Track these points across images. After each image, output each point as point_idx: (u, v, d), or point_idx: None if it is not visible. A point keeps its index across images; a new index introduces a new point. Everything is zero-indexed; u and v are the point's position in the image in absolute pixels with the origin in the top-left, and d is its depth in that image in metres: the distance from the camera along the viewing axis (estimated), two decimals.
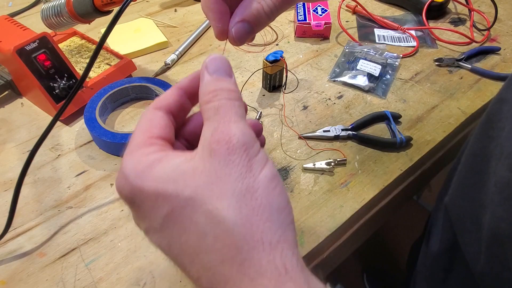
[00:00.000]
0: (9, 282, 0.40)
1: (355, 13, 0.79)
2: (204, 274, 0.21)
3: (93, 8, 0.51)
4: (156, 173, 0.22)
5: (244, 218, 0.20)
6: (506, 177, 0.32)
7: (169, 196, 0.21)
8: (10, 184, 0.49)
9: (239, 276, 0.20)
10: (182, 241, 0.21)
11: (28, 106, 0.59)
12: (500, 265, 0.33)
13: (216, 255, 0.20)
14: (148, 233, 0.24)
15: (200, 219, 0.21)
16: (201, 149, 0.23)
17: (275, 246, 0.20)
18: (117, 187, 0.24)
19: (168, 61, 0.65)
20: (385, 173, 0.50)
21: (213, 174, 0.21)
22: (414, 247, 0.59)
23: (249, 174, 0.21)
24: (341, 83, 0.63)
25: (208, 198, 0.21)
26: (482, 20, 0.76)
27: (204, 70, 0.25)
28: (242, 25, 0.26)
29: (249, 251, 0.20)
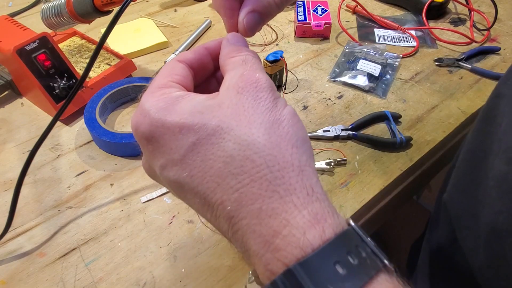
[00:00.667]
0: (9, 282, 0.40)
1: (355, 13, 0.79)
2: (230, 197, 0.21)
3: (93, 8, 0.51)
4: (179, 108, 0.23)
5: (274, 142, 0.22)
6: (504, 171, 0.32)
7: (195, 125, 0.22)
8: (10, 184, 0.49)
9: (268, 193, 0.21)
10: (207, 169, 0.22)
11: (28, 106, 0.59)
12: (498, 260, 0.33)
13: (245, 175, 0.21)
14: (165, 169, 0.23)
15: (228, 144, 0.21)
16: (226, 88, 0.24)
17: (302, 169, 0.22)
18: (133, 124, 0.24)
19: (168, 61, 0.65)
20: (385, 173, 0.50)
21: (241, 107, 0.22)
22: (414, 246, 0.59)
23: (275, 109, 0.23)
24: (341, 83, 0.63)
25: (236, 126, 0.22)
26: (482, 20, 0.76)
27: (226, 42, 0.27)
28: (252, 15, 0.27)
29: (279, 170, 0.21)
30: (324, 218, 0.21)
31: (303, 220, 0.20)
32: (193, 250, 0.42)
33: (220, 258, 0.41)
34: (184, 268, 0.41)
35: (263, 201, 0.21)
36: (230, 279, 0.40)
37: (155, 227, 0.44)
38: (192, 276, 0.40)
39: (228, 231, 0.22)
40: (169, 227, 0.44)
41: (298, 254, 0.20)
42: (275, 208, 0.21)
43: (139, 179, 0.49)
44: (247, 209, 0.21)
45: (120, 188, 0.48)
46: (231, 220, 0.22)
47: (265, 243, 0.20)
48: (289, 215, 0.20)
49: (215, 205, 0.22)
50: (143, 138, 0.24)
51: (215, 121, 0.22)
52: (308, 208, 0.21)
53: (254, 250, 0.21)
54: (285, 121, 0.23)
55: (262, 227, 0.21)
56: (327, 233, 0.20)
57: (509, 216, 0.31)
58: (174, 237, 0.43)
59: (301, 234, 0.20)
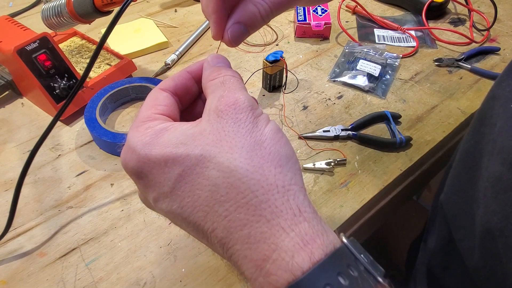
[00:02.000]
0: (9, 282, 0.40)
1: (355, 13, 0.79)
2: (219, 224, 0.22)
3: (94, 8, 0.51)
4: (163, 140, 0.23)
5: (256, 165, 0.22)
6: (498, 172, 0.33)
7: (179, 157, 0.22)
8: (11, 184, 0.49)
9: (255, 218, 0.21)
10: (195, 198, 0.22)
11: (29, 106, 0.59)
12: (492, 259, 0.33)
13: (231, 202, 0.21)
14: (158, 202, 0.24)
15: (212, 173, 0.22)
16: (207, 114, 0.24)
17: (288, 189, 0.22)
18: (122, 160, 0.25)
19: (168, 61, 0.65)
20: (385, 173, 0.50)
21: (222, 132, 0.23)
22: (412, 246, 0.59)
23: (255, 129, 0.23)
24: (341, 83, 0.63)
25: (218, 153, 0.22)
26: (482, 21, 0.76)
27: (207, 64, 0.27)
28: (238, 26, 0.27)
29: (264, 194, 0.21)
30: (312, 239, 0.21)
31: (292, 243, 0.20)
32: (193, 250, 0.42)
33: (220, 258, 0.41)
34: (184, 268, 0.41)
35: (251, 226, 0.21)
36: (230, 279, 0.40)
37: (155, 227, 0.44)
38: (192, 276, 0.40)
39: (223, 255, 0.23)
40: (169, 227, 0.44)
41: (289, 277, 0.20)
42: (263, 232, 0.21)
43: None
44: (236, 235, 0.21)
45: (120, 188, 0.48)
46: (224, 246, 0.22)
47: (257, 267, 0.21)
48: (277, 238, 0.20)
49: (207, 232, 0.22)
50: (133, 174, 0.25)
51: (197, 150, 0.22)
52: (296, 230, 0.21)
53: (247, 274, 0.21)
54: (266, 140, 0.23)
55: (252, 252, 0.21)
56: (317, 255, 0.20)
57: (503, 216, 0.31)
58: (174, 237, 0.43)
59: (290, 257, 0.20)
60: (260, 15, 0.27)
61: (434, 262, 0.46)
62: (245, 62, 0.67)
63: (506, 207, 0.31)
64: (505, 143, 0.33)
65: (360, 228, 0.49)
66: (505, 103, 0.35)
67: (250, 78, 0.62)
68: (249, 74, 0.63)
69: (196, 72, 0.29)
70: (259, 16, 0.27)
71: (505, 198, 0.31)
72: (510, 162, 0.31)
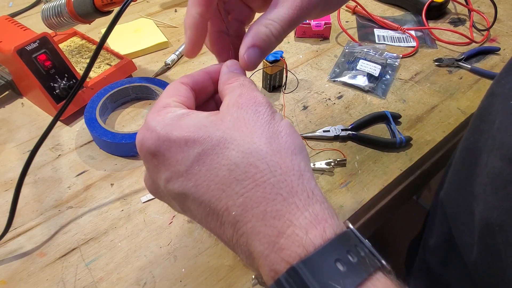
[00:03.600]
0: (9, 282, 0.40)
1: (355, 13, 0.79)
2: (235, 202, 0.22)
3: (94, 8, 0.51)
4: (184, 123, 0.24)
5: (275, 149, 0.23)
6: (498, 167, 0.33)
7: (200, 138, 0.23)
8: (11, 184, 0.49)
9: (272, 196, 0.22)
10: (212, 177, 0.23)
11: (29, 106, 0.59)
12: (491, 255, 0.33)
13: (249, 181, 0.22)
14: (170, 181, 0.24)
15: (232, 153, 0.23)
16: (226, 106, 0.25)
17: (302, 174, 0.23)
18: (139, 140, 0.25)
19: (168, 61, 0.65)
20: (385, 173, 0.50)
21: (242, 121, 0.24)
22: (412, 245, 0.59)
23: (273, 121, 0.24)
24: (341, 83, 0.63)
25: (239, 136, 0.23)
26: (482, 21, 0.76)
27: (225, 68, 0.29)
28: (253, 50, 0.28)
29: (281, 174, 0.22)
30: (324, 218, 0.22)
31: (305, 221, 0.21)
32: (193, 250, 0.42)
33: (220, 258, 0.41)
34: (184, 268, 0.41)
35: (267, 204, 0.22)
36: (230, 279, 0.40)
37: (155, 227, 0.44)
38: (192, 276, 0.40)
39: (232, 237, 0.23)
40: (169, 227, 0.44)
41: (301, 252, 0.20)
42: (278, 210, 0.22)
43: (139, 179, 0.49)
44: (252, 213, 0.22)
45: (121, 188, 0.48)
46: (236, 224, 0.22)
47: (270, 243, 0.21)
48: (292, 216, 0.21)
49: (220, 211, 0.23)
50: (149, 153, 0.25)
51: (219, 133, 0.23)
52: (309, 210, 0.22)
53: (259, 251, 0.22)
54: (283, 131, 0.24)
55: (267, 228, 0.21)
56: (328, 233, 0.21)
57: (503, 211, 0.31)
58: (174, 237, 0.43)
59: (304, 233, 0.21)
60: (273, 36, 0.28)
61: (434, 259, 0.46)
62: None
63: (505, 202, 0.31)
64: (505, 139, 0.33)
65: (360, 228, 0.49)
66: (504, 100, 0.35)
67: (250, 78, 0.62)
68: (249, 74, 0.63)
69: (214, 73, 0.30)
70: (272, 37, 0.28)
71: (505, 193, 0.31)
72: (510, 157, 0.31)
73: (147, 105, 0.59)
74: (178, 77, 0.68)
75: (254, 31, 0.28)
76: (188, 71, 0.65)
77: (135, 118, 0.57)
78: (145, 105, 0.59)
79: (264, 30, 0.28)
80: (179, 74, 0.65)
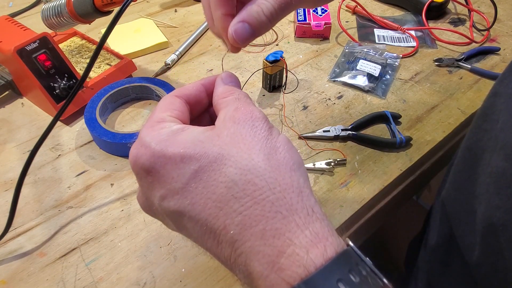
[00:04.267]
0: (9, 282, 0.40)
1: (355, 13, 0.79)
2: (233, 221, 0.22)
3: (94, 8, 0.51)
4: (180, 139, 0.24)
5: (273, 166, 0.23)
6: (501, 167, 0.33)
7: (196, 154, 0.23)
8: (11, 184, 0.49)
9: (271, 214, 0.21)
10: (209, 195, 0.22)
11: (29, 106, 0.59)
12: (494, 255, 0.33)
13: (248, 198, 0.22)
14: (165, 199, 0.24)
15: (230, 170, 0.22)
16: (222, 121, 0.25)
17: (301, 190, 0.23)
18: (132, 156, 0.25)
19: (168, 61, 0.65)
20: (385, 173, 0.50)
21: (239, 136, 0.23)
22: (411, 245, 0.59)
23: (270, 137, 0.24)
24: (341, 83, 0.63)
25: (237, 153, 0.23)
26: (482, 21, 0.76)
27: (220, 81, 0.28)
28: (242, 25, 0.27)
29: (280, 192, 0.22)
30: (325, 237, 0.21)
31: (306, 240, 0.21)
32: (193, 250, 0.42)
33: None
34: (184, 268, 0.41)
35: (266, 222, 0.21)
36: (230, 279, 0.40)
37: (155, 227, 0.44)
38: (192, 276, 0.40)
39: (230, 257, 0.23)
40: None
41: (302, 273, 0.20)
42: (278, 228, 0.21)
43: None
44: (250, 231, 0.21)
45: (121, 188, 0.48)
46: (234, 244, 0.22)
47: (270, 263, 0.21)
48: (292, 234, 0.21)
49: (218, 230, 0.22)
50: (143, 170, 0.24)
51: (216, 149, 0.23)
52: (310, 228, 0.21)
53: (258, 271, 0.21)
54: (281, 147, 0.24)
55: (266, 248, 0.21)
56: (329, 252, 0.21)
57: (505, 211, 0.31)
58: (174, 237, 0.43)
59: (305, 253, 0.20)
60: (264, 14, 0.27)
61: (435, 259, 0.46)
62: (245, 62, 0.67)
63: (509, 202, 0.31)
64: (508, 139, 0.33)
65: (360, 228, 0.49)
66: (508, 100, 0.35)
67: (250, 78, 0.62)
68: (249, 74, 0.63)
69: (209, 85, 0.29)
70: (263, 16, 0.27)
71: (508, 193, 0.31)
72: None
73: (147, 105, 0.59)
74: (178, 77, 0.68)
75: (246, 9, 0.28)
76: (188, 71, 0.65)
77: (135, 118, 0.57)
78: (145, 105, 0.59)
79: (256, 8, 0.27)
80: (179, 74, 0.65)
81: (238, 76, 0.67)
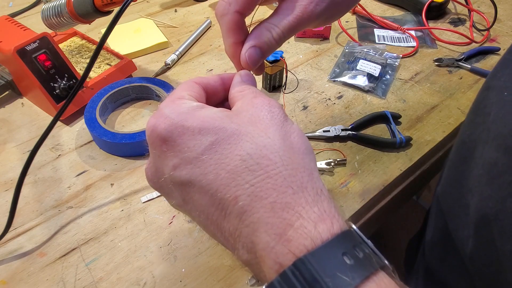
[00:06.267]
0: (9, 282, 0.40)
1: (355, 13, 0.79)
2: (245, 191, 0.22)
3: (94, 8, 0.51)
4: (199, 114, 0.25)
5: (288, 146, 0.24)
6: (493, 158, 0.33)
7: (215, 127, 0.24)
8: (11, 184, 0.49)
9: (282, 189, 0.22)
10: (223, 165, 0.23)
11: (29, 106, 0.59)
12: (487, 245, 0.34)
13: (261, 171, 0.22)
14: (177, 168, 0.24)
15: (246, 144, 0.23)
16: (241, 104, 0.26)
17: (312, 172, 0.24)
18: (150, 124, 0.25)
19: (168, 61, 0.65)
20: (385, 173, 0.50)
21: (257, 117, 0.25)
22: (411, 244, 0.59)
23: (286, 123, 0.25)
24: (341, 83, 0.63)
25: (253, 131, 0.24)
26: (482, 21, 0.76)
27: (238, 77, 0.30)
28: (254, 50, 0.30)
29: (293, 169, 0.23)
30: (332, 214, 0.22)
31: (314, 215, 0.22)
32: (193, 250, 0.42)
33: (220, 258, 0.41)
34: (184, 268, 0.41)
35: (277, 196, 0.22)
36: (230, 279, 0.40)
37: (155, 227, 0.44)
38: (192, 276, 0.40)
39: (236, 229, 0.23)
40: (169, 227, 0.44)
41: (309, 245, 0.21)
42: (288, 202, 0.22)
43: (139, 179, 0.49)
44: (261, 203, 0.22)
45: (120, 188, 0.48)
46: (243, 215, 0.22)
47: (278, 234, 0.21)
48: (302, 209, 0.22)
49: (227, 201, 0.23)
50: (159, 138, 0.25)
51: (234, 126, 0.24)
52: (318, 205, 0.22)
53: (265, 242, 0.22)
54: (295, 132, 0.25)
55: (275, 219, 0.22)
56: (335, 228, 0.22)
57: (498, 200, 0.31)
58: (174, 237, 0.43)
59: (312, 226, 0.21)
60: (274, 39, 0.30)
61: (431, 255, 0.46)
62: None
63: (500, 191, 0.31)
64: (500, 130, 0.33)
65: (360, 228, 0.48)
66: (499, 93, 0.35)
67: None
68: None
69: (227, 79, 0.30)
70: (273, 40, 0.30)
71: (500, 182, 0.32)
72: (505, 147, 0.32)
73: (147, 105, 0.59)
74: (178, 77, 0.68)
75: (256, 33, 0.30)
76: (188, 71, 0.65)
77: (135, 118, 0.57)
78: (145, 105, 0.59)
79: (266, 33, 0.29)
80: (179, 74, 0.65)
81: None
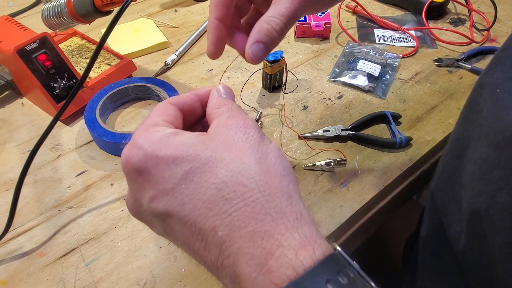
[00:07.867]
0: (9, 282, 0.40)
1: (355, 13, 0.79)
2: (223, 221, 0.22)
3: (94, 8, 0.51)
4: (173, 142, 0.24)
5: (264, 170, 0.23)
6: (485, 153, 0.33)
7: (189, 156, 0.23)
8: (11, 184, 0.49)
9: (261, 216, 0.22)
10: (200, 195, 0.22)
11: (29, 106, 0.59)
12: (478, 241, 0.34)
13: (238, 200, 0.22)
14: (154, 200, 0.24)
15: (221, 172, 0.23)
16: (215, 127, 0.25)
17: (290, 195, 0.23)
18: (125, 156, 0.25)
19: (168, 61, 0.65)
20: (385, 173, 0.50)
21: (231, 140, 0.24)
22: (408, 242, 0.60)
23: (262, 143, 0.25)
24: (341, 83, 0.63)
25: (228, 156, 0.23)
26: (482, 21, 0.76)
27: (215, 92, 0.29)
28: (257, 45, 0.29)
29: (270, 194, 0.22)
30: (313, 240, 0.22)
31: (295, 242, 0.21)
32: None
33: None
34: (184, 268, 0.41)
35: (255, 224, 0.21)
36: None
37: None
38: (192, 276, 0.40)
39: (217, 260, 0.23)
40: None
41: (291, 274, 0.20)
42: (267, 230, 0.21)
43: None
44: (239, 233, 0.21)
45: (121, 188, 0.48)
46: (222, 245, 0.22)
47: (258, 265, 0.21)
48: (281, 236, 0.21)
49: (206, 231, 0.22)
50: (134, 170, 0.24)
51: (208, 152, 0.23)
52: (298, 231, 0.22)
53: (246, 273, 0.21)
54: (271, 153, 0.24)
55: (255, 249, 0.21)
56: (317, 254, 0.21)
57: (488, 195, 0.31)
58: None
59: (293, 255, 0.21)
60: (275, 30, 0.29)
61: (426, 251, 0.46)
62: (245, 62, 0.67)
63: (491, 186, 0.31)
64: (492, 125, 0.33)
65: (360, 228, 0.49)
66: (492, 89, 0.35)
67: (250, 78, 0.62)
68: (249, 74, 0.63)
69: (204, 96, 0.30)
70: (274, 32, 0.29)
71: (491, 177, 0.32)
72: (496, 142, 0.32)
73: (147, 105, 0.59)
74: (178, 77, 0.68)
75: (257, 28, 0.29)
76: (188, 71, 0.65)
77: (135, 118, 0.57)
78: (145, 105, 0.59)
79: (266, 26, 0.29)
80: (179, 74, 0.65)
81: (238, 76, 0.68)
